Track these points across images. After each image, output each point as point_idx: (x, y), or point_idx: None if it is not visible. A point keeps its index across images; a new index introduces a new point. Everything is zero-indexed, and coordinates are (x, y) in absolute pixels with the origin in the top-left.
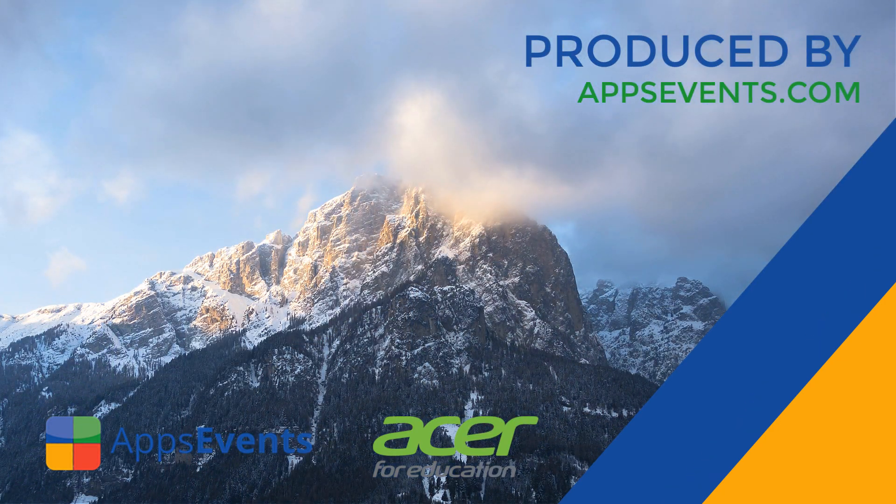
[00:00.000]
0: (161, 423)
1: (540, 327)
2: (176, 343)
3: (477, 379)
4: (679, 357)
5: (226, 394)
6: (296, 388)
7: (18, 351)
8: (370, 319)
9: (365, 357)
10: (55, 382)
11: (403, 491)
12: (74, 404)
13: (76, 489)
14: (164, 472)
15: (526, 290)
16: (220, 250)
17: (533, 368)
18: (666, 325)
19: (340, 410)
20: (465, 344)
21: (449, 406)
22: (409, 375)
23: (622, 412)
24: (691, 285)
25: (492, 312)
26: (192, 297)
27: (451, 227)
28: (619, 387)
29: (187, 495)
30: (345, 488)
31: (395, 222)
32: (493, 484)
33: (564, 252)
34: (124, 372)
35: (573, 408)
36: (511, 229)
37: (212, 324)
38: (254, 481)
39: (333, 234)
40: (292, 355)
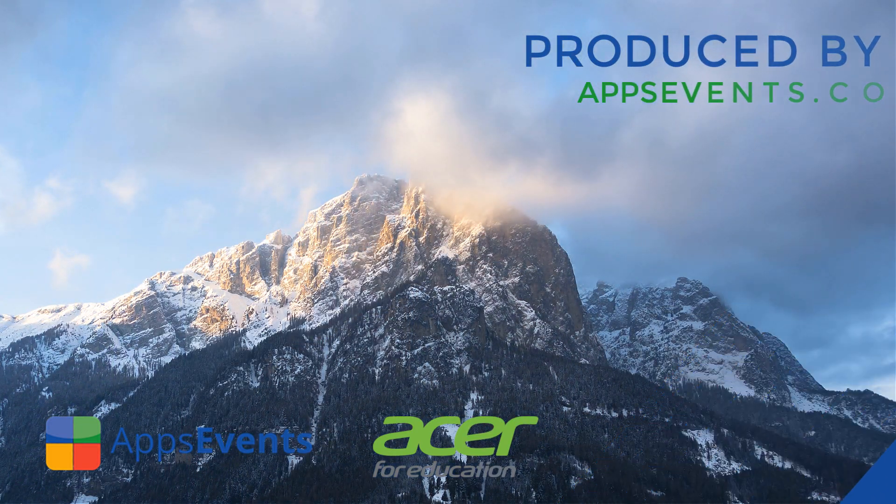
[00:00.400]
0: (161, 423)
1: (540, 327)
2: (176, 343)
3: (477, 379)
4: (679, 357)
5: (226, 394)
6: (296, 388)
7: (18, 351)
8: (370, 319)
9: (365, 357)
10: (55, 382)
11: (403, 491)
12: (74, 404)
13: (76, 489)
14: (164, 472)
15: (526, 290)
16: (220, 250)
17: (533, 368)
18: (666, 325)
19: (340, 410)
20: (465, 344)
21: (449, 406)
22: (409, 375)
23: (622, 412)
24: (691, 285)
25: (492, 312)
26: (192, 297)
27: (451, 227)
28: (619, 387)
29: (187, 495)
30: (345, 488)
31: (395, 222)
32: (493, 484)
33: (564, 252)
34: (124, 372)
35: (573, 408)
36: (511, 229)
37: (212, 324)
38: (254, 481)
39: (333, 235)
40: (292, 355)
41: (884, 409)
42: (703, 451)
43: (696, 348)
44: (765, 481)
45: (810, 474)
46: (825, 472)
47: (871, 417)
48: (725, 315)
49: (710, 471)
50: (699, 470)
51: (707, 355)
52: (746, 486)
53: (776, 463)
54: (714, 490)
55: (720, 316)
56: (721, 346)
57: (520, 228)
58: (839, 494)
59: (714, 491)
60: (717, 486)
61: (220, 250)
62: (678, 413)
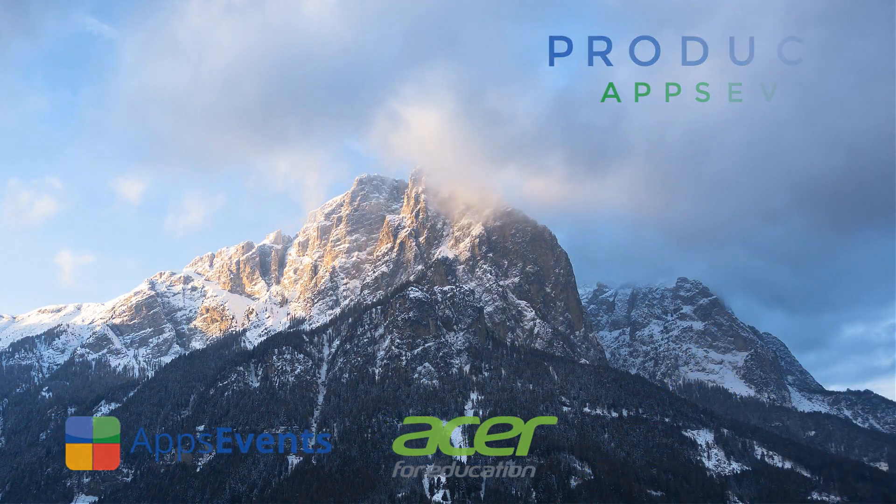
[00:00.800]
0: (161, 423)
1: (540, 327)
2: (176, 343)
3: (477, 379)
4: (679, 357)
5: (226, 394)
6: (296, 388)
7: (18, 351)
8: (370, 319)
9: (365, 357)
10: (55, 382)
11: (403, 491)
12: (74, 404)
13: (76, 489)
14: (164, 472)
15: (526, 290)
16: (220, 250)
17: (533, 368)
18: (666, 325)
19: (340, 410)
20: (465, 344)
21: (449, 406)
22: (409, 375)
23: (622, 412)
24: (691, 285)
25: (492, 312)
26: (192, 297)
27: (451, 228)
28: (619, 387)
29: (187, 495)
30: (345, 488)
31: (395, 222)
32: (493, 484)
33: (564, 252)
34: (124, 372)
35: (573, 408)
36: (511, 229)
37: (212, 324)
38: (254, 481)
39: (333, 235)
40: (292, 355)
41: (884, 409)
42: (703, 451)
43: (696, 348)
44: (765, 481)
45: (810, 474)
46: (825, 472)
47: (871, 417)
48: (725, 315)
49: (710, 471)
50: (699, 470)
51: (707, 355)
52: (746, 486)
53: (776, 463)
54: (714, 490)
55: (720, 316)
56: (721, 346)
57: (520, 228)
58: (839, 494)
59: (714, 491)
60: (717, 486)
61: (220, 250)
62: (678, 413)
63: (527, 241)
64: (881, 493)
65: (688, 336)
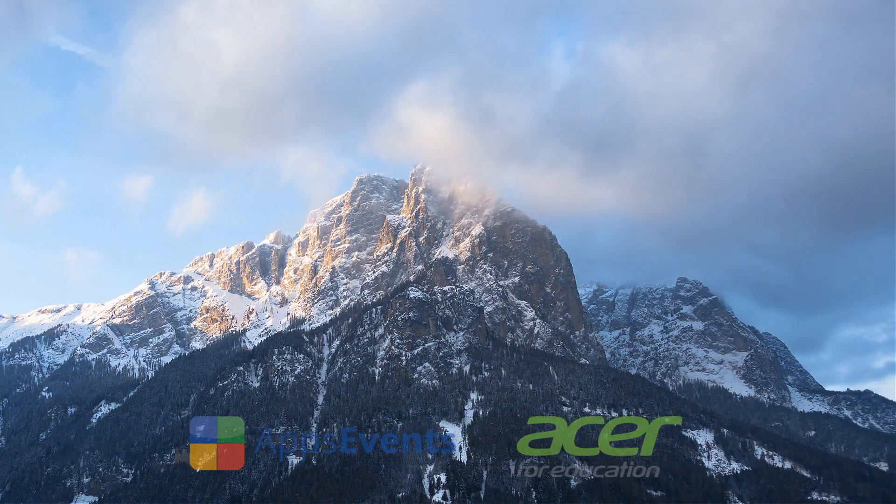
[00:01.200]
0: (161, 423)
1: (540, 327)
2: (176, 343)
3: (477, 379)
4: (679, 357)
5: (226, 394)
6: (296, 388)
7: (18, 351)
8: (370, 319)
9: (365, 357)
10: (55, 382)
11: (403, 491)
12: (74, 404)
13: (76, 489)
14: (164, 472)
15: (526, 290)
16: (220, 250)
17: (533, 368)
18: (666, 325)
19: (340, 410)
20: (465, 344)
21: (449, 406)
22: (409, 375)
23: (622, 412)
24: (691, 285)
25: (492, 312)
26: (192, 297)
27: (451, 228)
28: (619, 387)
29: (187, 495)
30: (345, 488)
31: (395, 222)
32: (494, 484)
33: (564, 252)
34: (124, 372)
35: (573, 408)
36: (511, 229)
37: (212, 324)
38: (254, 481)
39: (333, 235)
40: (292, 355)
41: (884, 409)
42: (703, 451)
43: (696, 348)
44: (765, 481)
45: (810, 474)
46: (825, 472)
47: (871, 417)
48: (725, 315)
49: (710, 471)
50: (699, 470)
51: (707, 355)
52: (746, 486)
53: (776, 463)
54: (714, 490)
55: (720, 316)
56: (721, 346)
57: (520, 228)
58: (839, 494)
59: (714, 491)
60: (717, 486)
61: (220, 250)
62: (678, 413)
63: (527, 241)
64: (881, 493)
65: (688, 336)
